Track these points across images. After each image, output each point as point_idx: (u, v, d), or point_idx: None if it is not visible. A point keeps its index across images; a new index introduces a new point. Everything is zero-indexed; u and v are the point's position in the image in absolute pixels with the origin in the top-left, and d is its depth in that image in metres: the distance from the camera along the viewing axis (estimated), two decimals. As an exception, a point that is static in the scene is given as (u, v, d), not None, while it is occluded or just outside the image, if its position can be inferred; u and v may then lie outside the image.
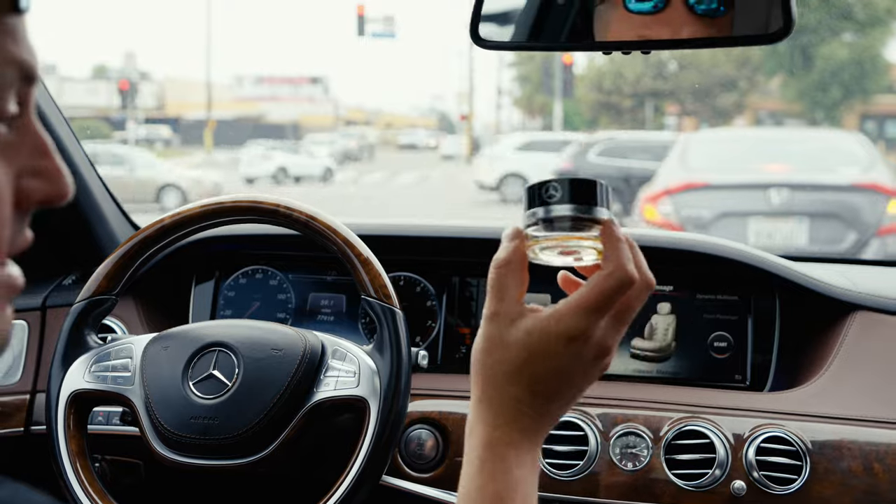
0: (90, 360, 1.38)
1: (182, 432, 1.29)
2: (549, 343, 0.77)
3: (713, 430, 1.39)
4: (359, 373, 1.30)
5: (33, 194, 0.55)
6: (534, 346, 0.77)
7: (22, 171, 0.54)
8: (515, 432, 0.79)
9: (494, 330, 0.79)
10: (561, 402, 0.80)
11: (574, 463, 1.40)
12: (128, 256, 1.41)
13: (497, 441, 0.78)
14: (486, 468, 0.78)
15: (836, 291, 1.55)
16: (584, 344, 0.77)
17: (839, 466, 1.36)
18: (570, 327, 0.77)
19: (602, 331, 0.78)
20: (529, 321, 0.78)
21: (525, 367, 0.78)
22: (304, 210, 1.38)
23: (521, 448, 0.79)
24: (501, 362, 0.79)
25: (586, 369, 0.79)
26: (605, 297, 0.77)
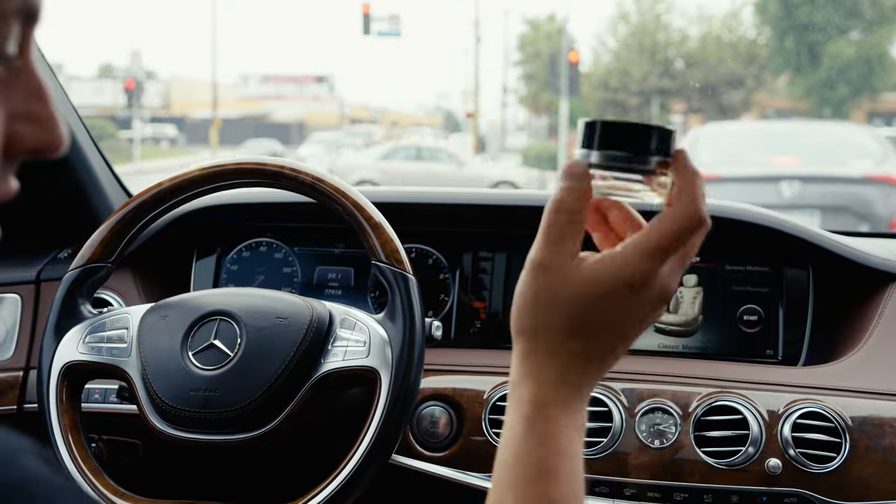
0: (84, 331, 1.31)
1: (181, 405, 1.21)
2: (609, 292, 0.69)
3: (746, 405, 1.31)
4: (369, 342, 1.22)
5: (24, 140, 0.51)
6: (592, 296, 0.69)
7: (15, 115, 0.50)
8: (566, 389, 0.70)
9: (545, 280, 0.70)
10: (614, 355, 0.72)
11: (598, 440, 1.32)
12: (124, 222, 1.33)
13: (546, 399, 0.70)
14: (535, 430, 0.69)
15: (875, 261, 1.47)
16: (647, 290, 0.69)
17: (881, 444, 1.28)
18: (635, 273, 0.69)
19: (665, 274, 0.70)
20: (587, 271, 0.69)
21: (581, 318, 0.69)
22: (311, 172, 1.29)
23: (570, 407, 0.70)
24: (554, 313, 0.70)
25: (644, 317, 0.71)
26: (675, 239, 0.68)
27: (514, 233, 1.60)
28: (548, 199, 0.72)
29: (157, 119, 36.17)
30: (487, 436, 1.35)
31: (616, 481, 1.31)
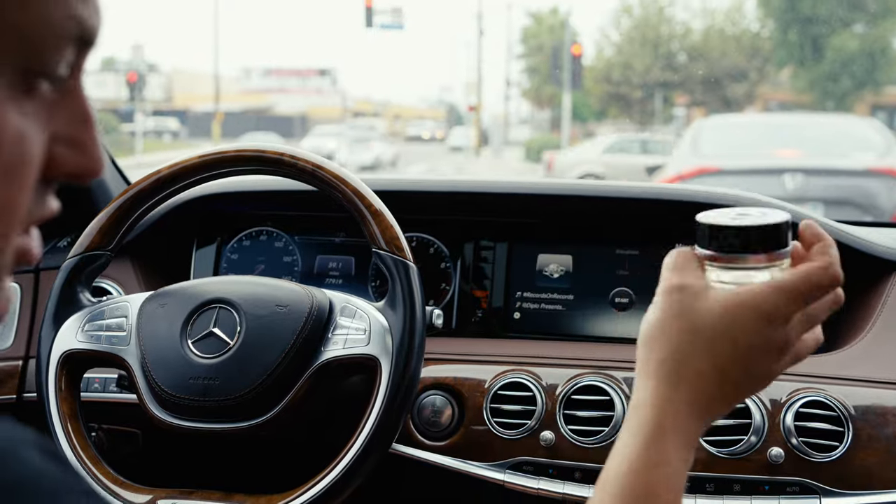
0: (83, 319, 1.30)
1: (180, 394, 1.21)
2: (744, 318, 0.72)
3: (748, 394, 1.30)
4: (369, 330, 1.21)
5: (64, 165, 0.50)
6: (728, 320, 0.72)
7: (57, 138, 0.50)
8: (689, 412, 0.73)
9: (678, 302, 0.74)
10: (740, 388, 0.75)
11: (599, 430, 1.31)
12: (122, 210, 1.33)
13: (668, 428, 0.72)
14: (651, 454, 0.71)
15: (879, 250, 1.46)
16: (777, 327, 0.73)
17: (884, 433, 1.27)
18: (770, 305, 0.72)
19: (794, 323, 0.74)
20: (722, 294, 0.73)
21: (714, 344, 0.73)
22: (311, 159, 1.29)
23: (688, 442, 0.73)
24: (689, 333, 0.73)
25: (770, 357, 0.74)
26: (811, 287, 0.74)
27: (516, 222, 1.59)
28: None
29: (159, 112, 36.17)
30: (489, 425, 1.35)
31: (617, 470, 1.30)
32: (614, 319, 1.54)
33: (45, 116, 0.48)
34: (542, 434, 1.32)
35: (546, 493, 1.31)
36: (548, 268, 1.57)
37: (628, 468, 0.71)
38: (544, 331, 1.55)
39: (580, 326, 1.54)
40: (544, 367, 1.38)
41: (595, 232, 1.56)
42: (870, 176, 6.84)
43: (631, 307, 1.53)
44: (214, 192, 1.59)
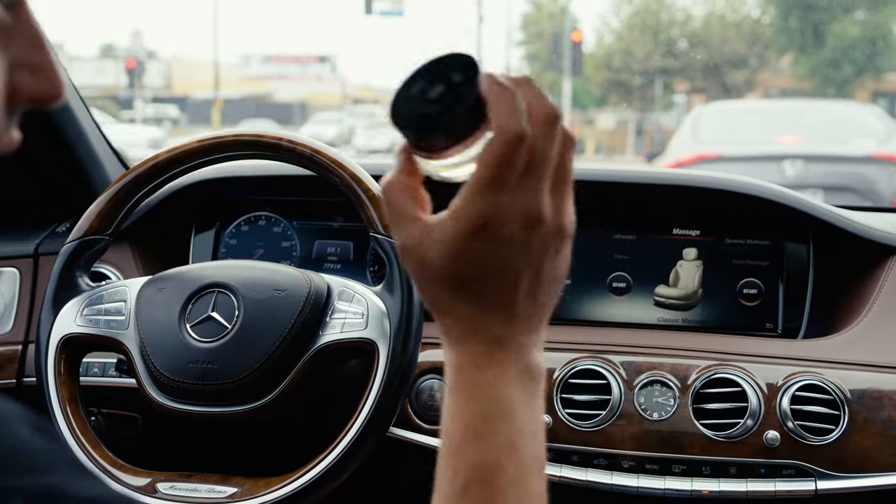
0: (82, 304, 1.30)
1: (179, 377, 1.21)
2: (459, 244, 0.63)
3: (744, 378, 1.30)
4: (367, 314, 1.22)
5: (25, 89, 0.51)
6: (448, 254, 0.63)
7: (15, 64, 0.51)
8: (479, 349, 0.65)
9: (409, 258, 0.66)
10: (521, 299, 0.65)
11: (596, 413, 1.32)
12: (120, 195, 1.33)
13: (460, 362, 0.65)
14: (458, 396, 0.65)
15: (875, 234, 1.46)
16: (500, 227, 0.62)
17: (879, 416, 1.28)
18: (472, 217, 0.62)
19: (521, 203, 0.62)
20: (436, 232, 0.64)
21: (453, 279, 0.64)
22: (309, 143, 1.29)
23: (489, 364, 0.65)
24: (433, 283, 0.65)
25: (533, 251, 0.64)
26: (496, 167, 0.61)
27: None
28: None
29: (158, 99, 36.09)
30: (486, 409, 1.35)
31: (614, 454, 1.31)
32: (612, 304, 1.54)
33: (2, 44, 0.49)
34: (540, 417, 1.32)
35: (543, 476, 1.32)
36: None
37: (444, 425, 0.65)
38: (542, 315, 1.55)
39: (577, 311, 1.55)
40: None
41: (593, 217, 1.56)
42: (870, 162, 6.84)
43: (628, 292, 1.53)
44: (213, 178, 1.59)
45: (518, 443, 0.64)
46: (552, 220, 0.64)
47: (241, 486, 1.21)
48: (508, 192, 0.62)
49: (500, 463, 0.63)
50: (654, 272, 1.53)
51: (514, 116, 0.61)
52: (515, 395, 0.65)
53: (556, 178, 0.64)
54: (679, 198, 1.54)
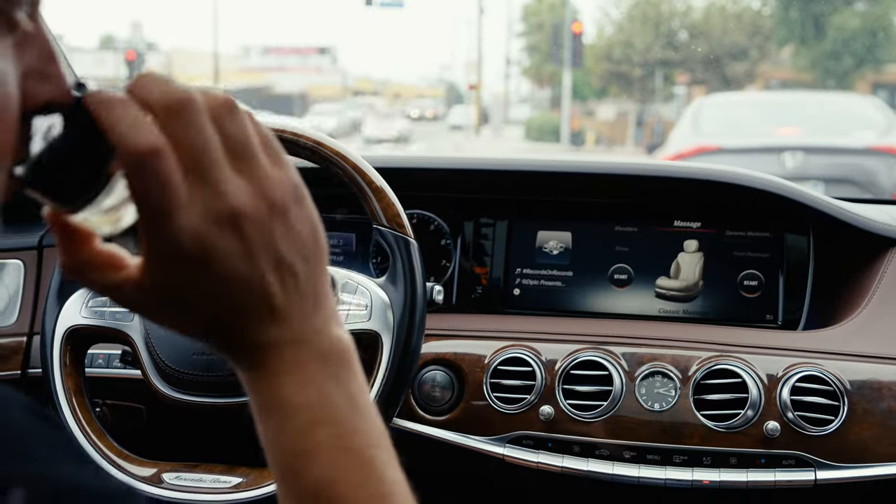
0: (86, 296, 1.31)
1: (184, 369, 1.22)
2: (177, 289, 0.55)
3: (745, 369, 1.31)
4: (371, 306, 1.22)
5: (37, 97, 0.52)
6: (172, 300, 0.56)
7: (28, 74, 0.51)
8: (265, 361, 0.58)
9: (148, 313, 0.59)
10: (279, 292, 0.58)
11: (598, 404, 1.33)
12: (126, 187, 1.34)
13: (259, 381, 0.59)
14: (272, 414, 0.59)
15: (876, 226, 1.47)
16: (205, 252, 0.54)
17: (879, 407, 1.29)
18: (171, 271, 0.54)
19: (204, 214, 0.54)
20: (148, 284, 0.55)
21: (195, 313, 0.57)
22: (311, 136, 1.29)
23: (293, 368, 0.58)
24: (182, 325, 0.58)
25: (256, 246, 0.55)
26: (149, 199, 0.52)
27: (516, 199, 1.60)
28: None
29: (158, 91, 35.97)
30: (488, 399, 1.36)
31: (616, 444, 1.32)
32: (613, 295, 1.55)
33: (15, 55, 0.50)
34: (542, 408, 1.33)
35: (545, 466, 1.33)
36: (547, 244, 1.58)
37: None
38: (544, 307, 1.57)
39: (579, 302, 1.56)
40: (544, 343, 1.39)
41: (594, 209, 1.57)
42: (870, 154, 6.84)
43: (630, 283, 1.54)
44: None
45: (351, 442, 0.58)
46: (253, 202, 0.55)
47: (245, 476, 1.22)
48: (184, 212, 0.53)
49: (337, 476, 0.57)
50: (656, 264, 1.54)
51: (135, 129, 0.52)
52: (328, 391, 0.58)
53: (235, 156, 0.55)
54: (680, 190, 1.55)
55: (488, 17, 64.28)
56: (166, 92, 0.53)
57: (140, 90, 0.53)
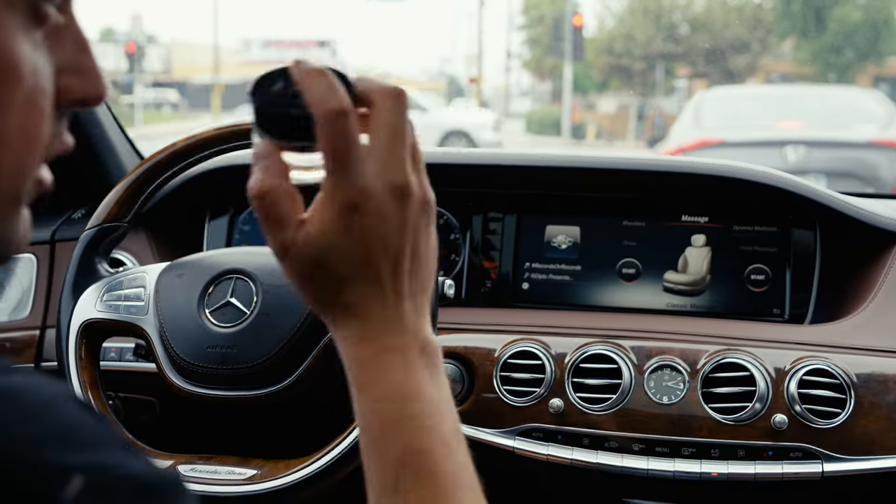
0: (101, 289, 1.32)
1: (199, 362, 1.24)
2: (336, 231, 0.63)
3: (753, 362, 1.33)
4: None
5: (72, 92, 0.53)
6: (328, 245, 0.63)
7: (62, 68, 0.52)
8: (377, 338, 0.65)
9: (295, 258, 0.64)
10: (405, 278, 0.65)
11: (607, 397, 1.34)
12: (139, 183, 1.35)
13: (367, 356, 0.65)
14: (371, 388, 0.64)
15: (881, 221, 1.48)
16: (371, 204, 0.62)
17: (885, 400, 1.30)
18: (340, 201, 0.62)
19: (386, 177, 0.62)
20: (311, 226, 0.63)
21: (337, 270, 0.64)
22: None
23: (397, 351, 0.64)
24: (319, 280, 0.65)
25: (408, 226, 0.64)
26: (333, 148, 0.61)
27: (524, 194, 1.61)
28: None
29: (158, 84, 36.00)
30: (498, 393, 1.38)
31: (625, 436, 1.33)
32: (621, 289, 1.56)
33: (49, 48, 0.51)
34: (551, 401, 1.35)
35: (555, 458, 1.35)
36: (556, 239, 1.59)
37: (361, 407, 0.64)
38: (553, 301, 1.58)
39: (588, 296, 1.57)
40: (553, 336, 1.41)
41: (602, 204, 1.59)
42: (872, 148, 6.85)
43: (637, 277, 1.56)
44: (227, 165, 1.61)
45: (437, 424, 0.64)
46: (419, 192, 0.64)
47: (260, 468, 1.24)
48: (366, 168, 0.62)
49: (424, 447, 0.63)
50: (663, 258, 1.55)
51: (330, 94, 0.61)
52: (422, 378, 0.64)
53: (413, 155, 0.64)
54: (687, 185, 1.56)
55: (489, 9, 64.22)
56: (383, 84, 0.64)
57: (361, 81, 0.64)
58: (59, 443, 0.43)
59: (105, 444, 0.45)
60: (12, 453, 0.42)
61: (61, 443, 0.44)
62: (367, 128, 0.63)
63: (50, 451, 0.43)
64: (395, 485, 0.62)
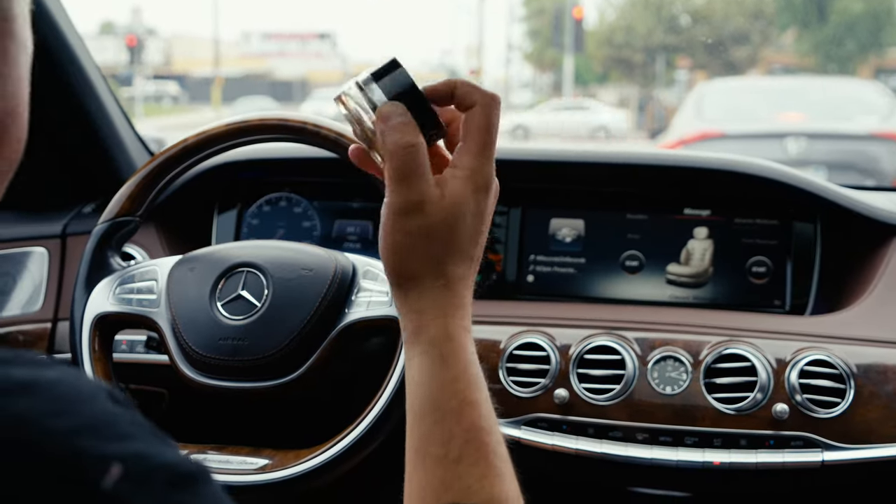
0: (114, 283, 1.34)
1: (211, 354, 1.26)
2: (470, 202, 0.73)
3: (754, 353, 1.35)
4: (391, 293, 1.25)
5: None
6: (457, 213, 0.72)
7: None
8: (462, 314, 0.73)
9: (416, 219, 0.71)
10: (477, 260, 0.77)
11: (611, 387, 1.37)
12: (150, 177, 1.37)
13: (454, 332, 0.72)
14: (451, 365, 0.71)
15: (881, 214, 1.50)
16: (490, 187, 0.75)
17: (884, 390, 1.32)
18: (484, 176, 0.74)
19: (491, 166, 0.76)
20: (448, 196, 0.72)
21: (455, 240, 0.72)
22: (333, 127, 1.33)
23: (468, 332, 0.74)
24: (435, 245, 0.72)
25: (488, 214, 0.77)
26: (492, 133, 0.74)
27: (529, 187, 1.64)
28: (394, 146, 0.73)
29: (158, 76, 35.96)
30: (504, 384, 1.40)
31: (629, 426, 1.36)
32: (625, 281, 1.59)
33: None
34: (556, 392, 1.37)
35: (560, 448, 1.37)
36: (560, 232, 1.62)
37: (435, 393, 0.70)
38: (557, 293, 1.60)
39: (592, 288, 1.59)
40: (558, 328, 1.43)
41: (606, 197, 1.61)
42: (872, 140, 6.86)
43: (641, 270, 1.58)
44: (236, 160, 1.63)
45: (490, 407, 0.71)
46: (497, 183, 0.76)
47: (271, 458, 1.26)
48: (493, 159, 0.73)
49: (487, 427, 0.69)
50: (666, 251, 1.57)
51: (482, 91, 0.72)
52: (477, 362, 0.73)
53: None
54: (689, 179, 1.58)
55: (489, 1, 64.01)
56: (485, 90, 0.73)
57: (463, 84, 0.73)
58: (95, 434, 0.45)
59: (140, 435, 0.47)
60: (51, 445, 0.43)
61: (98, 434, 0.45)
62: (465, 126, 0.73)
63: (87, 441, 0.44)
64: (459, 456, 0.67)
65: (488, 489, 0.67)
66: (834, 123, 7.21)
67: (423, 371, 0.71)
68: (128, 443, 0.46)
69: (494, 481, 0.68)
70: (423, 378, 0.71)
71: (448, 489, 0.67)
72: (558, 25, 20.72)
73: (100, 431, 0.46)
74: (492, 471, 0.68)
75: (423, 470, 0.69)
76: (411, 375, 0.72)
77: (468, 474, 0.67)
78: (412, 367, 0.73)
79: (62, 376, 0.47)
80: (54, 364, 0.49)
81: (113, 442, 0.46)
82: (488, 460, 0.68)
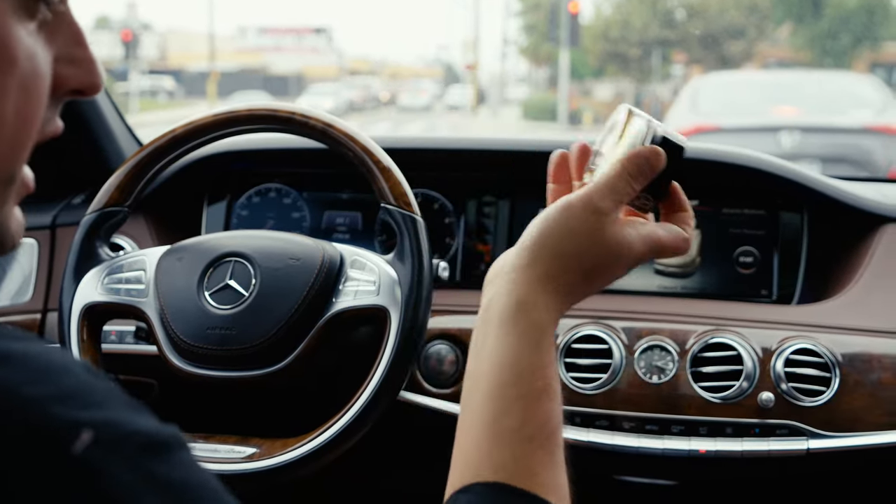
0: (102, 273, 1.35)
1: (199, 343, 1.26)
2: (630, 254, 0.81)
3: (740, 342, 1.36)
4: (379, 282, 1.26)
5: (68, 81, 0.56)
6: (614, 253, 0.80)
7: (58, 58, 0.55)
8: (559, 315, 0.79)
9: (594, 222, 0.78)
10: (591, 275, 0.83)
11: (598, 376, 1.37)
12: (139, 167, 1.37)
13: (551, 324, 0.77)
14: (544, 350, 0.76)
15: (868, 204, 1.51)
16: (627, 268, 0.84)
17: (869, 378, 1.33)
18: (641, 258, 0.83)
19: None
20: (622, 232, 0.80)
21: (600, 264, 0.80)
22: (322, 118, 1.33)
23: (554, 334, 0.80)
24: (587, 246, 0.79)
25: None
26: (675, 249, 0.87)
27: (518, 178, 1.64)
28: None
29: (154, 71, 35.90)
30: (492, 373, 1.40)
31: (615, 415, 1.36)
32: (613, 272, 1.59)
33: (45, 38, 0.53)
34: (544, 381, 1.37)
35: (547, 436, 1.37)
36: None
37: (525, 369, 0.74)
38: (545, 283, 1.60)
39: (580, 279, 1.59)
40: (545, 318, 1.43)
41: (594, 188, 1.61)
42: (866, 133, 6.86)
43: (629, 260, 1.58)
44: (225, 151, 1.63)
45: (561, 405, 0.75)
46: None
47: (259, 447, 1.26)
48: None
49: (559, 420, 0.74)
50: None
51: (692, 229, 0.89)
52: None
53: None
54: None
55: (485, -4, 63.91)
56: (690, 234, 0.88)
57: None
58: (68, 402, 0.45)
59: (113, 404, 0.48)
60: (22, 412, 0.44)
61: (71, 402, 0.46)
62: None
63: (59, 408, 0.45)
64: (531, 437, 0.71)
65: (551, 478, 0.71)
66: (828, 117, 7.22)
67: (518, 352, 0.74)
68: (100, 410, 0.46)
69: (556, 472, 0.71)
70: (515, 359, 0.74)
71: (515, 463, 0.70)
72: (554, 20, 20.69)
73: (73, 399, 0.46)
74: (557, 461, 0.72)
75: (491, 440, 0.72)
76: (500, 353, 0.75)
77: (534, 455, 0.71)
78: (503, 346, 0.75)
79: (38, 348, 0.48)
80: (30, 337, 0.49)
81: (85, 409, 0.46)
82: (555, 450, 0.72)
